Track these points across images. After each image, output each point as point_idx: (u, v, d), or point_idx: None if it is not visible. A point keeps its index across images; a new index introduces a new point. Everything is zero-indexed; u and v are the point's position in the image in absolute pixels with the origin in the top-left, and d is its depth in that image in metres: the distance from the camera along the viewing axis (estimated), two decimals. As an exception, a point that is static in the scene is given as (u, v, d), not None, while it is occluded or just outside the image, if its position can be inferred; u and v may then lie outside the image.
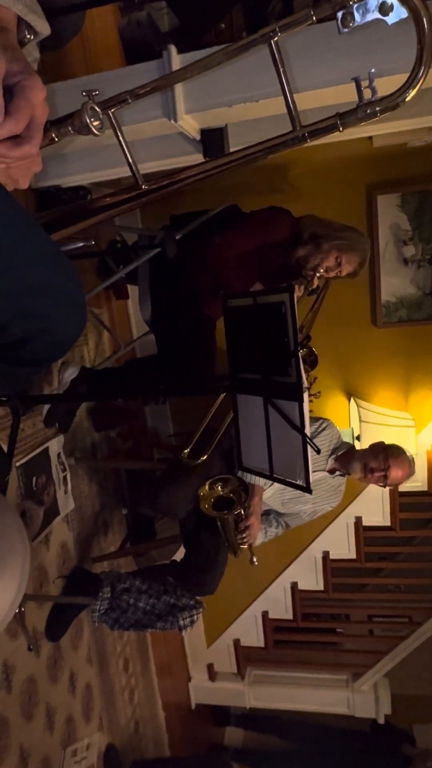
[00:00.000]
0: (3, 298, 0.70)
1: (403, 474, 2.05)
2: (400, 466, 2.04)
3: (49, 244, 0.77)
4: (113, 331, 2.86)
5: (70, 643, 2.23)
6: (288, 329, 1.32)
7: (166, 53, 1.53)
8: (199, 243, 2.06)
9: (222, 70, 1.42)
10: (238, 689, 3.72)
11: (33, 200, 2.10)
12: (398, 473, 2.04)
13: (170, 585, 2.14)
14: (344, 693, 3.62)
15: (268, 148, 1.03)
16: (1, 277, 0.68)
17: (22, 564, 0.65)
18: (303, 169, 2.81)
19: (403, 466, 2.05)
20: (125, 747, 2.66)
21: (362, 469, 2.07)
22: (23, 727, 1.85)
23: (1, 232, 0.67)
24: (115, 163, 1.89)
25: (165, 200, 1.25)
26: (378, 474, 2.04)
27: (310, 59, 1.36)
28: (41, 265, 0.72)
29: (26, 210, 0.77)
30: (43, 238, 0.75)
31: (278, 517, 2.26)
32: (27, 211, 0.77)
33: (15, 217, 0.71)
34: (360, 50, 1.31)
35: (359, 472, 2.08)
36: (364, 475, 2.07)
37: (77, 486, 2.41)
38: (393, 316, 2.90)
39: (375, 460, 2.04)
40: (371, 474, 2.06)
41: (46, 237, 0.77)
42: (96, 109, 0.92)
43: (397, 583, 3.61)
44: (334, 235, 2.00)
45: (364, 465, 2.06)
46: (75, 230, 1.20)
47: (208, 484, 1.82)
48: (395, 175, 2.74)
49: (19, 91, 0.61)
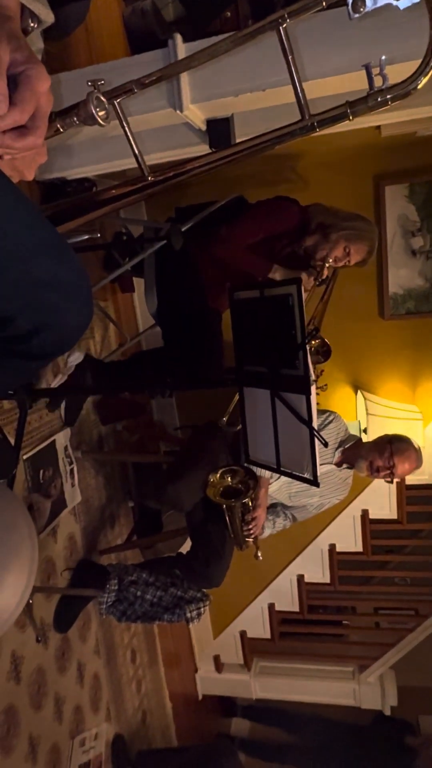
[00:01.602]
0: (10, 290, 0.69)
1: (410, 467, 2.04)
2: (406, 461, 2.02)
3: (56, 236, 0.76)
4: (119, 324, 2.85)
5: (78, 635, 2.25)
6: (295, 321, 1.31)
7: (172, 42, 1.51)
8: (206, 235, 2.05)
9: (228, 59, 1.40)
10: (244, 680, 3.75)
11: (38, 193, 2.10)
12: (405, 468, 2.03)
13: (177, 577, 2.15)
14: (350, 684, 3.63)
15: (277, 138, 1.01)
16: (7, 270, 0.67)
17: (31, 557, 0.65)
18: (310, 160, 2.78)
19: (410, 460, 2.03)
20: (132, 737, 2.69)
21: (368, 468, 2.06)
22: (32, 717, 1.87)
23: (7, 225, 0.67)
24: (121, 155, 1.88)
25: (170, 192, 1.24)
26: (384, 473, 2.03)
27: (319, 46, 1.33)
28: (48, 258, 0.72)
29: (32, 202, 0.76)
30: (49, 230, 0.75)
31: (285, 509, 2.26)
32: (33, 203, 0.76)
33: (21, 209, 0.70)
34: (371, 37, 1.29)
35: (365, 470, 2.08)
36: (370, 473, 2.07)
37: (84, 479, 2.42)
38: (400, 308, 2.88)
39: (380, 458, 2.02)
40: (377, 473, 2.05)
41: (52, 229, 0.76)
42: (102, 99, 0.90)
43: (403, 576, 3.61)
44: (341, 225, 1.98)
45: (370, 464, 2.05)
46: (81, 222, 1.19)
47: (220, 472, 1.83)
48: (403, 166, 2.70)
49: (24, 80, 0.60)
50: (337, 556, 3.31)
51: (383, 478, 2.07)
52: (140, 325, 3.13)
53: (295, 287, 1.29)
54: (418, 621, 3.38)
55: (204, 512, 2.10)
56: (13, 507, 0.70)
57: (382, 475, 2.05)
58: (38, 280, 0.71)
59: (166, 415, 3.26)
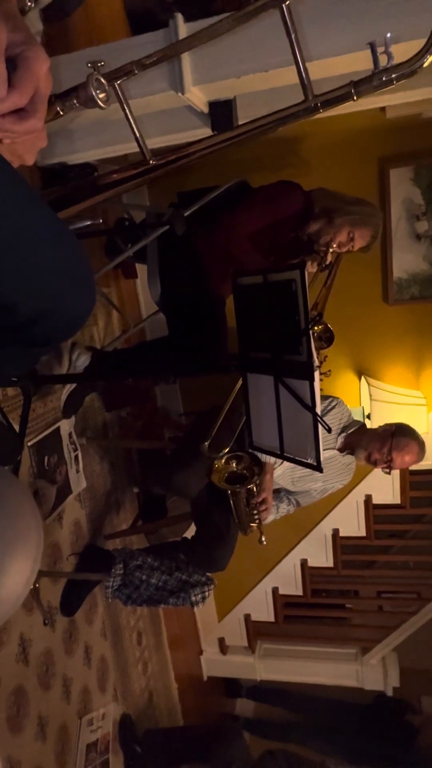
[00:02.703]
0: (12, 277, 0.69)
1: (409, 461, 2.03)
2: (405, 456, 2.01)
3: (57, 222, 0.75)
4: (122, 310, 2.84)
5: (84, 618, 2.28)
6: (299, 307, 1.31)
7: (173, 22, 1.48)
8: (209, 220, 2.03)
9: (230, 40, 1.38)
10: (248, 662, 3.80)
11: (38, 178, 2.08)
12: (403, 462, 2.02)
13: (182, 562, 2.17)
14: (353, 666, 3.68)
15: (280, 119, 1.00)
16: (8, 256, 0.67)
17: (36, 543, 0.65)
18: (313, 143, 2.74)
19: (410, 455, 2.01)
20: (139, 717, 2.74)
21: (366, 458, 2.07)
22: (41, 697, 1.90)
23: (8, 210, 0.66)
24: (122, 139, 1.86)
25: (172, 177, 1.23)
26: (381, 465, 2.03)
27: (323, 25, 1.31)
28: (49, 244, 0.71)
29: (33, 187, 0.76)
30: (50, 216, 0.74)
31: (289, 495, 2.27)
32: (34, 188, 0.75)
33: (22, 195, 0.69)
34: (375, 15, 1.26)
35: (363, 460, 2.08)
36: (368, 463, 2.08)
37: (89, 465, 2.43)
38: (405, 293, 2.85)
39: (379, 451, 2.02)
40: (374, 464, 2.05)
41: (53, 215, 0.75)
42: (102, 81, 0.89)
43: (406, 560, 3.64)
44: (345, 209, 1.96)
45: (368, 455, 2.05)
46: (82, 207, 1.18)
47: (225, 458, 1.84)
48: (409, 148, 2.66)
49: (22, 62, 0.59)
50: (341, 540, 3.33)
51: (381, 469, 2.07)
52: (143, 312, 3.12)
53: (299, 272, 1.28)
54: (420, 604, 3.42)
55: (208, 497, 2.11)
56: (18, 493, 0.71)
57: (379, 467, 2.05)
58: (40, 266, 0.71)
59: (171, 401, 3.27)
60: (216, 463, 1.84)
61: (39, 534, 0.66)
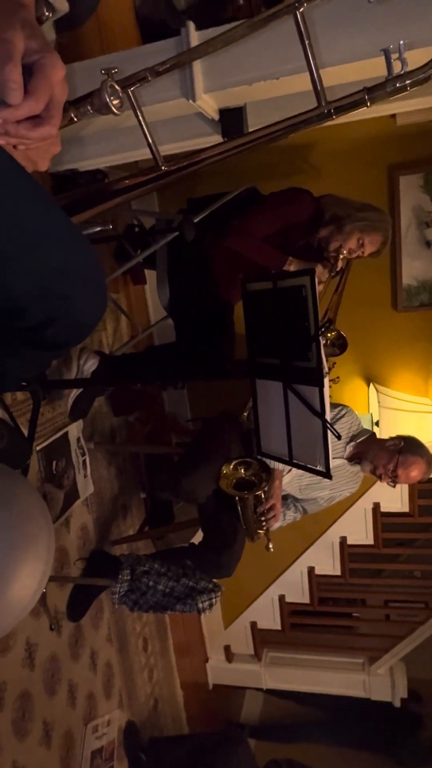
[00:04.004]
0: (25, 279, 0.69)
1: (415, 477, 2.01)
2: (411, 472, 1.99)
3: (70, 225, 0.76)
4: (131, 316, 2.85)
5: (90, 623, 2.27)
6: (309, 313, 1.30)
7: (185, 30, 1.49)
8: (218, 227, 2.04)
9: (241, 48, 1.39)
10: (254, 670, 3.77)
11: (50, 184, 2.10)
12: (408, 478, 2.01)
13: (189, 568, 2.16)
14: (360, 676, 3.64)
15: (293, 125, 1.00)
16: (22, 258, 0.67)
17: (47, 547, 0.65)
18: (323, 150, 2.74)
19: (416, 472, 2.00)
20: (144, 723, 2.72)
21: (371, 471, 2.06)
22: (46, 703, 1.90)
23: (22, 213, 0.67)
24: (133, 146, 1.87)
25: (182, 183, 1.24)
26: (386, 480, 2.02)
27: (337, 31, 1.31)
28: (62, 246, 0.71)
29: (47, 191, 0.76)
30: (63, 219, 0.74)
31: (296, 502, 2.26)
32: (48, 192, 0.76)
33: (36, 198, 0.70)
34: (389, 21, 1.26)
35: (368, 471, 2.08)
36: (372, 474, 2.07)
37: (96, 470, 2.43)
38: (414, 300, 2.84)
39: (385, 466, 2.01)
40: (379, 478, 2.04)
41: (66, 218, 0.76)
42: (116, 88, 0.90)
43: (414, 569, 3.60)
44: (355, 216, 1.96)
45: (374, 468, 2.04)
46: (94, 213, 1.19)
47: (233, 464, 1.83)
48: (418, 155, 2.66)
49: (38, 69, 0.59)
50: (348, 548, 3.30)
51: (386, 483, 2.06)
52: (152, 317, 3.13)
53: (309, 278, 1.28)
54: (428, 614, 3.38)
55: (216, 502, 2.11)
56: (30, 496, 0.71)
57: (384, 481, 2.04)
58: (53, 270, 0.71)
59: (178, 406, 3.26)
60: (224, 468, 1.84)
61: (50, 538, 0.66)
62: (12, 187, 0.65)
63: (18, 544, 0.60)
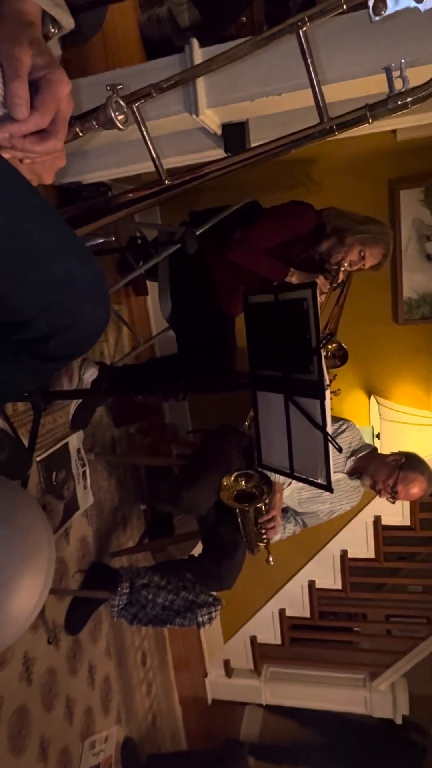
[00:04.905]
0: (30, 291, 0.70)
1: (415, 494, 2.00)
2: (411, 489, 1.98)
3: (74, 238, 0.76)
4: (133, 327, 2.86)
5: (89, 637, 2.25)
6: (310, 325, 1.31)
7: (188, 47, 1.52)
8: (220, 239, 2.05)
9: (244, 64, 1.41)
10: (254, 686, 3.72)
11: (54, 197, 2.11)
12: (408, 495, 2.00)
13: (189, 581, 2.14)
14: (362, 692, 3.59)
15: (295, 141, 1.01)
16: (27, 271, 0.68)
17: (48, 560, 0.65)
18: (324, 164, 2.77)
19: (416, 489, 1.99)
20: (142, 740, 2.68)
21: (371, 486, 2.05)
22: (43, 718, 1.87)
23: (27, 226, 0.67)
24: (136, 159, 1.89)
25: (185, 196, 1.25)
26: (385, 495, 2.02)
27: (339, 49, 1.33)
28: (67, 259, 0.72)
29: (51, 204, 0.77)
30: (68, 231, 0.75)
31: (296, 515, 2.25)
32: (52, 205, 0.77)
33: (41, 211, 0.70)
34: (391, 39, 1.28)
35: (368, 486, 2.07)
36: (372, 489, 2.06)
37: (96, 481, 2.43)
38: (415, 313, 2.85)
39: (384, 482, 2.00)
40: (379, 493, 2.04)
41: (71, 231, 0.76)
42: (121, 103, 0.91)
43: (415, 584, 3.57)
44: (356, 229, 1.98)
45: (374, 483, 2.04)
46: (98, 226, 1.20)
47: (234, 476, 1.83)
48: (418, 169, 2.69)
49: (45, 85, 0.61)
50: (349, 562, 3.28)
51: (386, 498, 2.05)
52: (153, 329, 3.14)
53: (310, 291, 1.28)
54: (430, 629, 3.34)
55: (217, 514, 2.09)
56: (30, 508, 0.70)
57: (383, 497, 2.03)
58: (57, 282, 0.72)
59: (179, 418, 3.26)
60: (225, 480, 1.84)
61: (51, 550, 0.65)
62: (17, 201, 0.66)
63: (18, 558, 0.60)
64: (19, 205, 0.66)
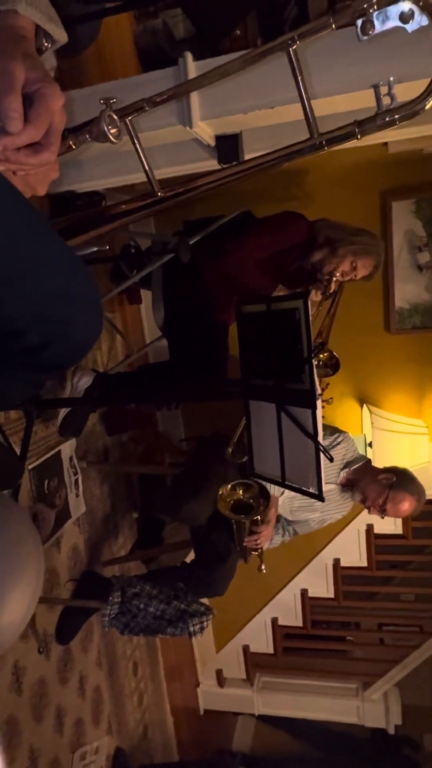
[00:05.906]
0: (22, 303, 0.70)
1: (405, 512, 2.02)
2: (401, 507, 2.00)
3: (67, 249, 0.77)
4: (126, 335, 2.87)
5: (80, 646, 2.23)
6: (302, 335, 1.32)
7: (182, 60, 1.53)
8: (213, 249, 2.06)
9: (238, 78, 1.42)
10: (246, 696, 3.70)
11: (48, 205, 2.12)
12: (397, 512, 2.02)
13: (181, 590, 2.14)
14: (354, 702, 3.58)
15: (286, 156, 1.03)
16: (20, 283, 0.68)
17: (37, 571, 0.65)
18: (317, 176, 2.80)
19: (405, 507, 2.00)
20: (134, 751, 2.66)
21: (361, 501, 2.07)
22: (33, 729, 1.85)
23: (19, 237, 0.68)
24: (130, 169, 1.90)
25: (178, 206, 1.26)
26: (374, 512, 2.03)
27: (328, 66, 1.35)
28: (59, 270, 0.72)
29: (43, 215, 0.77)
30: (60, 243, 0.76)
31: (287, 524, 2.25)
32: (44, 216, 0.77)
33: (32, 223, 0.71)
34: (379, 57, 1.30)
35: (358, 501, 2.09)
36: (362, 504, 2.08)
37: (89, 489, 2.42)
38: (407, 323, 2.88)
39: (374, 500, 2.01)
40: (368, 509, 2.05)
41: (63, 243, 0.77)
42: (114, 117, 0.92)
43: (408, 592, 3.57)
44: (348, 239, 2.00)
45: (363, 499, 2.05)
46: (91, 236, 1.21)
47: (231, 485, 1.83)
48: (410, 181, 2.72)
49: (38, 98, 0.62)
50: (342, 570, 3.28)
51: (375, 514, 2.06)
52: (147, 337, 3.14)
53: (302, 302, 1.29)
54: (422, 638, 3.34)
55: (210, 522, 2.09)
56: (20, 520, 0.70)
57: (371, 513, 2.05)
58: (51, 293, 0.72)
59: (172, 426, 3.26)
60: (222, 490, 1.83)
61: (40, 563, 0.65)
62: (10, 213, 0.66)
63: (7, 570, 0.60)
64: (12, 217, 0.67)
